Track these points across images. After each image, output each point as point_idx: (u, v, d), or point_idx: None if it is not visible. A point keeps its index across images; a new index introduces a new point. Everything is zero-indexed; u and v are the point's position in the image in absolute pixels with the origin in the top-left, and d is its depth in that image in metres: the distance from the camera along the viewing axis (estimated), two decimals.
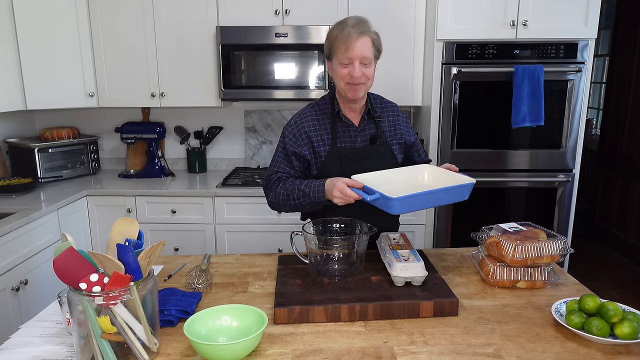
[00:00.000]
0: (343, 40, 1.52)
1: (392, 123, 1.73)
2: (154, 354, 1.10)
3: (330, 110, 1.68)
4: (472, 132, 2.71)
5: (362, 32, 1.52)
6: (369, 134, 1.69)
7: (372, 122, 1.70)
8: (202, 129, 3.27)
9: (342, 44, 1.52)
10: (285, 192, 1.60)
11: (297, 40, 2.74)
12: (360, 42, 1.52)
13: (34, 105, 2.75)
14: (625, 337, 1.12)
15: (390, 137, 1.72)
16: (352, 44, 1.51)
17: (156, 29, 2.84)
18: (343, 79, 1.56)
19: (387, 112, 1.74)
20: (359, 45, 1.51)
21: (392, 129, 1.73)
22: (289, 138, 1.67)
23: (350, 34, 1.51)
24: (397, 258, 1.38)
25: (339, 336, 1.19)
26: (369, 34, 1.54)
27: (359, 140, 1.68)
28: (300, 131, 1.66)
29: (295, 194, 1.58)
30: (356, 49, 1.51)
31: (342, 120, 1.67)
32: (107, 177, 3.11)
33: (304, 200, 1.56)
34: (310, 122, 1.67)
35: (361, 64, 1.54)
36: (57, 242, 2.44)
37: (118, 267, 1.02)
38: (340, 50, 1.53)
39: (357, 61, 1.53)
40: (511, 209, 2.79)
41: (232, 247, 2.78)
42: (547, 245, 1.41)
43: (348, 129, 1.68)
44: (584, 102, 2.67)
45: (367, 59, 1.54)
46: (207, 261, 1.62)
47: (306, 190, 1.55)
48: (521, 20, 2.57)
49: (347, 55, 1.52)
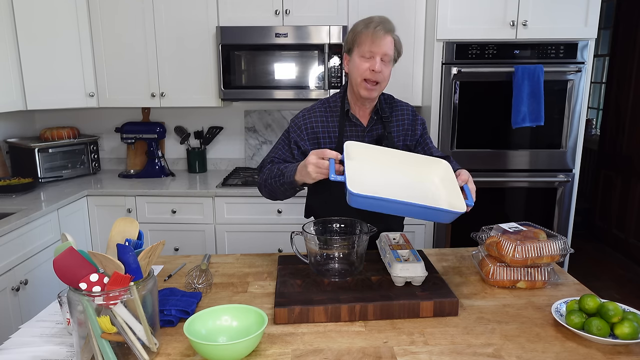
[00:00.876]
0: (369, 34, 1.53)
1: (401, 125, 1.71)
2: (154, 354, 1.10)
3: (339, 108, 1.68)
4: (472, 132, 2.71)
5: (389, 31, 1.55)
6: (376, 135, 1.68)
7: (380, 123, 1.69)
8: (202, 129, 3.27)
9: (367, 38, 1.53)
10: (268, 173, 1.59)
11: (297, 41, 2.74)
12: (386, 39, 1.54)
13: (34, 105, 2.75)
14: (625, 337, 1.12)
15: (397, 139, 1.70)
16: (378, 39, 1.53)
17: (156, 29, 2.84)
18: (362, 74, 1.56)
19: (396, 113, 1.72)
20: (384, 41, 1.53)
21: (399, 130, 1.71)
22: (293, 129, 1.67)
23: (378, 30, 1.53)
24: (397, 258, 1.38)
25: (339, 336, 1.19)
26: (393, 34, 1.57)
27: (366, 141, 1.66)
28: (307, 125, 1.66)
29: (274, 173, 1.56)
30: (381, 44, 1.53)
31: (350, 119, 1.67)
32: (107, 177, 3.11)
33: (279, 180, 1.54)
34: (319, 117, 1.67)
35: (382, 61, 1.54)
36: (57, 242, 2.44)
37: (118, 267, 1.02)
38: (365, 42, 1.54)
39: (379, 56, 1.53)
40: (511, 209, 2.79)
41: (232, 247, 2.78)
42: (547, 245, 1.41)
43: (356, 128, 1.67)
44: (584, 102, 2.67)
45: (388, 57, 1.55)
46: (207, 261, 1.62)
47: (284, 170, 1.52)
48: (521, 20, 2.57)
49: (371, 48, 1.53)
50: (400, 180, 1.38)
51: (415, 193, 1.30)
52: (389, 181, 1.32)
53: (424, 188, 1.37)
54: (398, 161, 1.41)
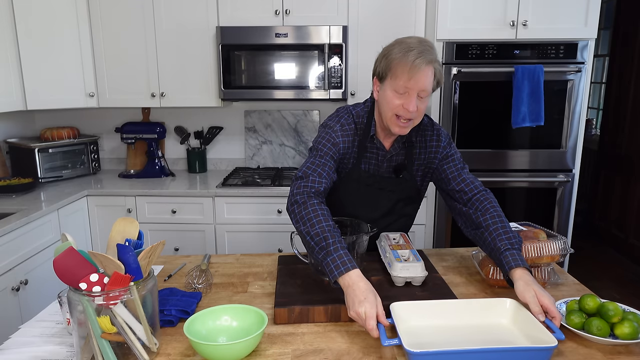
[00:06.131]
0: (407, 67, 1.31)
1: (425, 149, 1.55)
2: (154, 354, 1.10)
3: (363, 126, 1.52)
4: (472, 132, 2.71)
5: (430, 62, 1.32)
6: (396, 161, 1.56)
7: (403, 149, 1.54)
8: (202, 129, 3.27)
9: (404, 72, 1.32)
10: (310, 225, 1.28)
11: (297, 41, 2.74)
12: (427, 72, 1.32)
13: (34, 105, 2.75)
14: (625, 337, 1.12)
15: (418, 165, 1.57)
16: (416, 74, 1.31)
17: (156, 29, 2.84)
18: (394, 109, 1.38)
19: (422, 136, 1.55)
20: (423, 76, 1.32)
21: (422, 154, 1.56)
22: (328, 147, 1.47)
23: (417, 63, 1.30)
24: (397, 258, 1.38)
25: (339, 336, 1.19)
26: (434, 63, 1.34)
27: (385, 167, 1.55)
28: (340, 145, 1.49)
29: (318, 238, 1.26)
30: (420, 80, 1.32)
31: (373, 142, 1.52)
32: (107, 177, 3.11)
33: (314, 249, 1.26)
34: (349, 136, 1.51)
35: (418, 97, 1.35)
36: (57, 242, 2.44)
37: (118, 267, 1.02)
38: (400, 77, 1.33)
39: (414, 93, 1.34)
40: (511, 209, 2.79)
41: (232, 247, 2.78)
42: (547, 245, 1.41)
43: (377, 152, 1.53)
44: (584, 102, 2.67)
45: (425, 92, 1.35)
46: (207, 261, 1.62)
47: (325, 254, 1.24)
48: (521, 21, 2.57)
49: (407, 85, 1.33)
50: (463, 329, 1.19)
51: (484, 338, 1.15)
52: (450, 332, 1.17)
53: (493, 333, 1.18)
54: (454, 309, 1.23)
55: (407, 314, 1.20)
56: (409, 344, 1.04)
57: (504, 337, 1.15)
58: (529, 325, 1.14)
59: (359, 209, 1.59)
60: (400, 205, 1.64)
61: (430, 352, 1.01)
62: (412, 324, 1.19)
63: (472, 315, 1.22)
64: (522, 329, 1.16)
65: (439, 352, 1.02)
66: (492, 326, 1.20)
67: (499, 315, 1.22)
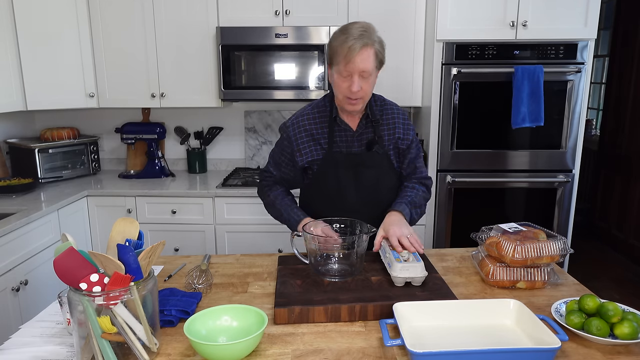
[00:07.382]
0: (343, 53, 1.45)
1: (392, 126, 1.67)
2: (154, 354, 1.10)
3: (328, 113, 1.66)
4: (472, 133, 2.71)
5: (365, 45, 1.44)
6: (366, 139, 1.65)
7: (370, 127, 1.65)
8: (202, 130, 3.27)
9: (342, 57, 1.46)
10: (273, 208, 1.74)
11: (297, 41, 2.74)
12: (362, 55, 1.44)
13: (34, 106, 2.75)
14: (625, 337, 1.12)
15: (388, 141, 1.67)
16: (352, 58, 1.44)
17: (156, 29, 2.84)
18: (342, 92, 1.53)
19: (386, 114, 1.68)
20: (359, 59, 1.44)
21: (390, 132, 1.67)
22: (285, 144, 1.69)
23: (352, 48, 1.43)
24: (397, 258, 1.38)
25: (339, 336, 1.19)
26: (372, 45, 1.46)
27: (356, 145, 1.65)
28: (297, 136, 1.66)
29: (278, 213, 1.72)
30: (356, 62, 1.45)
31: (339, 124, 1.64)
32: (107, 177, 3.11)
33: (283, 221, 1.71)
34: (313, 123, 1.66)
35: (360, 77, 1.48)
36: (57, 243, 2.44)
37: (118, 267, 1.02)
38: (340, 62, 1.47)
39: (356, 75, 1.47)
40: (511, 209, 2.79)
41: (232, 248, 2.79)
42: (547, 245, 1.41)
43: (345, 133, 1.65)
44: (584, 103, 2.67)
45: (367, 72, 1.48)
46: (207, 261, 1.62)
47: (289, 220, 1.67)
48: (521, 21, 2.57)
49: (346, 68, 1.47)
50: (466, 330, 1.19)
51: (488, 339, 1.15)
52: (453, 333, 1.18)
53: (496, 334, 1.18)
54: (457, 310, 1.23)
55: (411, 314, 1.20)
56: (411, 344, 1.04)
57: (507, 338, 1.15)
58: (532, 326, 1.14)
59: (345, 190, 1.67)
60: (384, 180, 1.69)
61: (434, 353, 1.01)
62: (415, 324, 1.19)
63: (475, 316, 1.22)
64: (525, 330, 1.16)
65: (442, 352, 1.02)
66: (496, 327, 1.20)
67: (502, 316, 1.22)
